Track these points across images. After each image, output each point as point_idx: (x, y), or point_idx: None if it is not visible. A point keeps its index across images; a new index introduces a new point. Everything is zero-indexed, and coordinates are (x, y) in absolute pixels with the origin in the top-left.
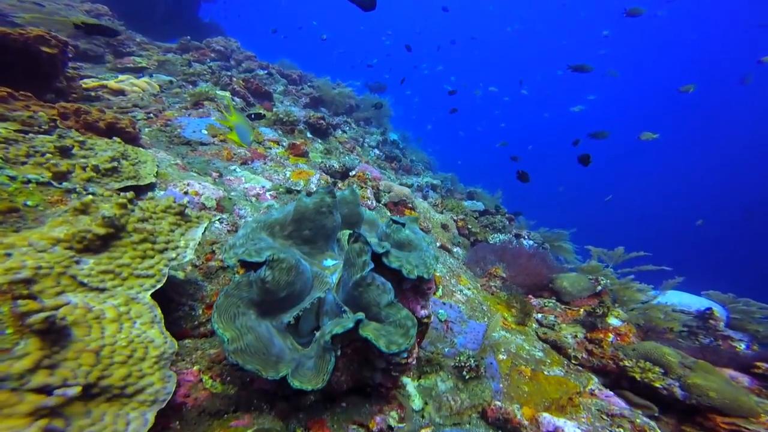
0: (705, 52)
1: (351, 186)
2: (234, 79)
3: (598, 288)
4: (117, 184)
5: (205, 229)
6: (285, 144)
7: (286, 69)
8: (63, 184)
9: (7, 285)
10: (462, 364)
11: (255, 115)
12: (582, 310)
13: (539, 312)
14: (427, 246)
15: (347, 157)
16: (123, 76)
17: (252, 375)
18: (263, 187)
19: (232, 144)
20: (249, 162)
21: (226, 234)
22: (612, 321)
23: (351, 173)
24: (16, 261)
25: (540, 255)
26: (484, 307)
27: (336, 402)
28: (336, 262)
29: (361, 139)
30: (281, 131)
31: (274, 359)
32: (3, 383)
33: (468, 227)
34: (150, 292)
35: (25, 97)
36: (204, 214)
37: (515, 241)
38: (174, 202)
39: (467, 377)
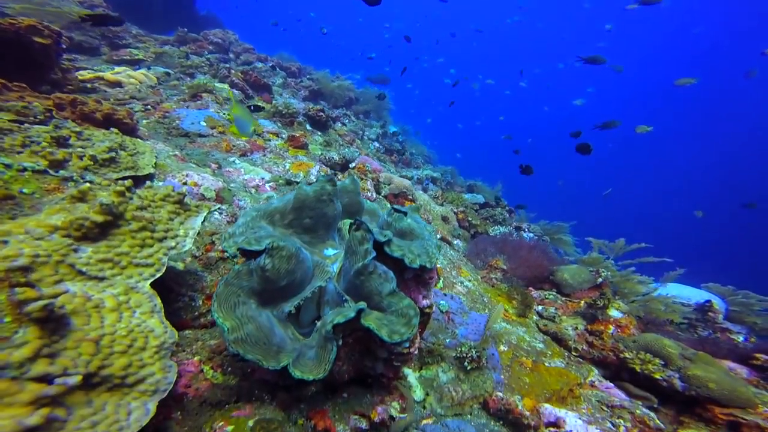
0: (707, 45)
1: (351, 175)
2: (232, 72)
3: (598, 280)
4: (115, 174)
5: (205, 219)
6: (284, 136)
7: (284, 62)
8: (60, 172)
9: (4, 273)
10: (464, 354)
11: (254, 108)
12: (583, 302)
13: (540, 304)
14: (429, 235)
15: (347, 150)
16: (119, 68)
17: (253, 365)
18: (263, 179)
19: (231, 136)
20: (248, 154)
21: (225, 225)
22: (613, 313)
23: (351, 165)
24: (12, 248)
25: (541, 247)
26: (485, 299)
27: (337, 392)
28: (337, 251)
29: (361, 132)
30: (280, 123)
31: (275, 349)
32: (3, 372)
33: (468, 219)
34: (149, 281)
35: (20, 88)
36: (203, 203)
37: (516, 234)
38: (173, 190)
39: (469, 368)
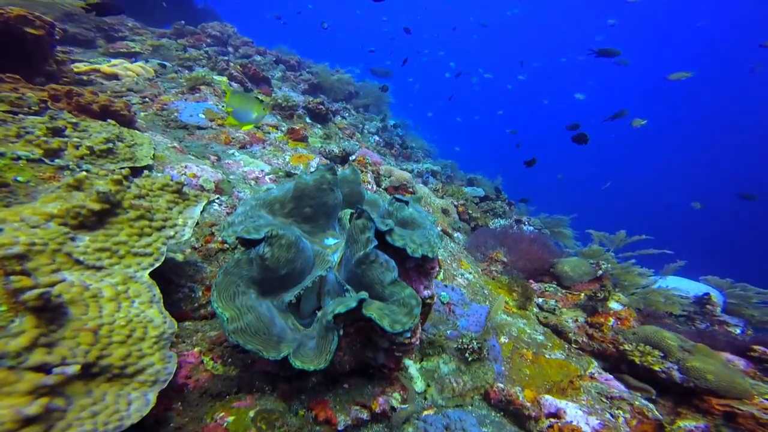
0: (710, 39)
1: (352, 165)
2: (231, 64)
3: (599, 272)
4: (113, 165)
5: (204, 209)
6: (284, 129)
7: (284, 55)
8: (55, 161)
9: None
10: (465, 346)
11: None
12: (583, 294)
13: (540, 296)
14: (431, 225)
15: (347, 143)
16: (116, 60)
17: (253, 356)
18: (262, 171)
19: (229, 128)
20: (248, 146)
21: (225, 216)
22: (613, 305)
23: (351, 158)
24: (7, 236)
25: (541, 239)
26: (485, 291)
27: (338, 383)
28: (338, 240)
29: (361, 126)
30: (280, 116)
31: (275, 339)
32: (0, 361)
33: (468, 212)
34: (148, 270)
35: (13, 80)
36: (202, 193)
37: (516, 227)
38: (171, 179)
39: (470, 359)
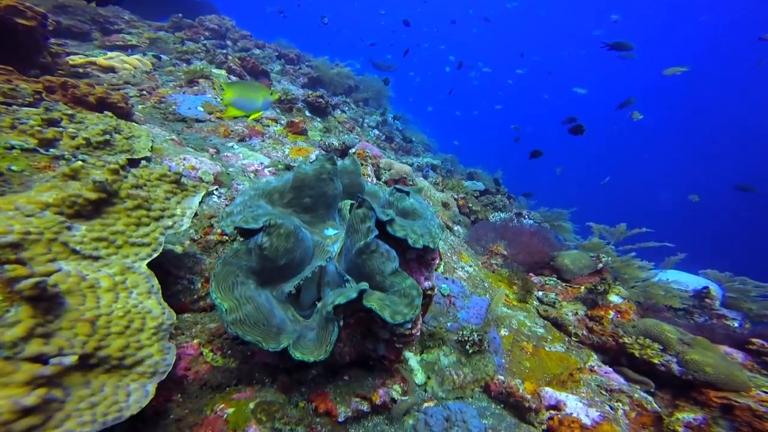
0: (713, 34)
1: (352, 156)
2: (230, 57)
3: (599, 265)
4: (110, 157)
5: (203, 200)
6: (283, 122)
7: (283, 48)
8: (50, 150)
9: None
10: (465, 338)
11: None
12: (583, 287)
13: (540, 289)
14: (432, 215)
15: (346, 136)
16: (112, 53)
17: (253, 347)
18: (262, 164)
19: (228, 121)
20: (247, 139)
21: (224, 208)
22: (613, 298)
23: (351, 151)
24: (1, 225)
25: (541, 233)
26: (485, 284)
27: (338, 375)
28: (337, 231)
29: (361, 120)
30: (279, 109)
31: (274, 330)
32: None
33: (469, 206)
34: (146, 261)
35: (6, 71)
36: (201, 184)
37: (516, 220)
38: (169, 170)
39: (470, 351)
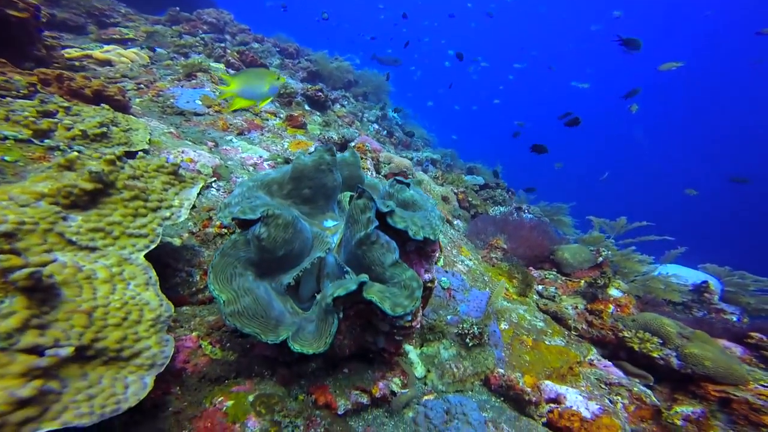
0: (712, 30)
1: (351, 148)
2: (228, 51)
3: (599, 259)
4: (107, 149)
5: (201, 191)
6: (282, 116)
7: (282, 43)
8: (45, 141)
9: None
10: (465, 331)
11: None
12: (583, 281)
13: (540, 283)
14: (433, 207)
15: (346, 130)
16: (109, 46)
17: (252, 340)
18: (261, 157)
19: (227, 116)
20: (246, 132)
21: (223, 200)
22: (612, 292)
23: (350, 145)
24: None
25: (541, 226)
26: (485, 278)
27: (338, 368)
28: (337, 222)
29: (360, 114)
30: (278, 103)
31: (273, 322)
32: None
33: (468, 200)
34: (143, 252)
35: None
36: (199, 175)
37: (516, 214)
38: (167, 161)
39: (470, 345)
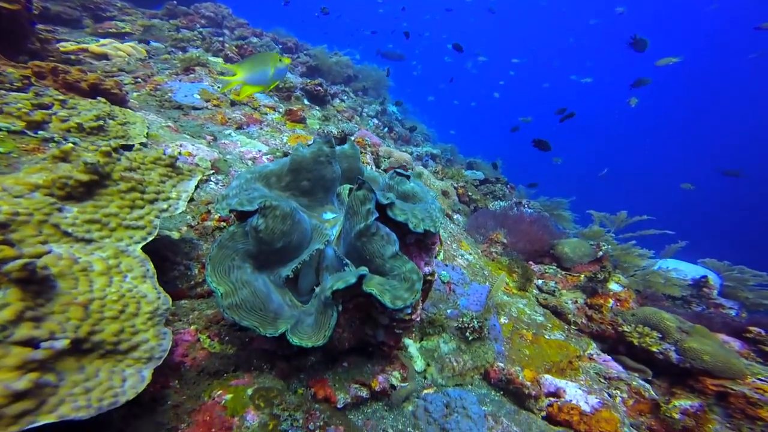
0: (712, 26)
1: (350, 140)
2: (226, 45)
3: (599, 253)
4: (104, 143)
5: (200, 185)
6: (281, 110)
7: (281, 37)
8: (39, 133)
9: None
10: (465, 325)
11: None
12: (583, 275)
13: (540, 278)
14: (433, 199)
15: (345, 124)
16: (105, 40)
17: (250, 333)
18: (260, 151)
19: (225, 109)
20: (245, 127)
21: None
22: (612, 286)
23: (350, 138)
24: None
25: (541, 221)
26: (485, 272)
27: (337, 361)
28: (336, 215)
29: (360, 109)
30: (277, 97)
31: (272, 315)
32: None
33: (468, 194)
34: (141, 244)
35: None
36: (197, 167)
37: (516, 208)
38: (164, 153)
39: (470, 338)
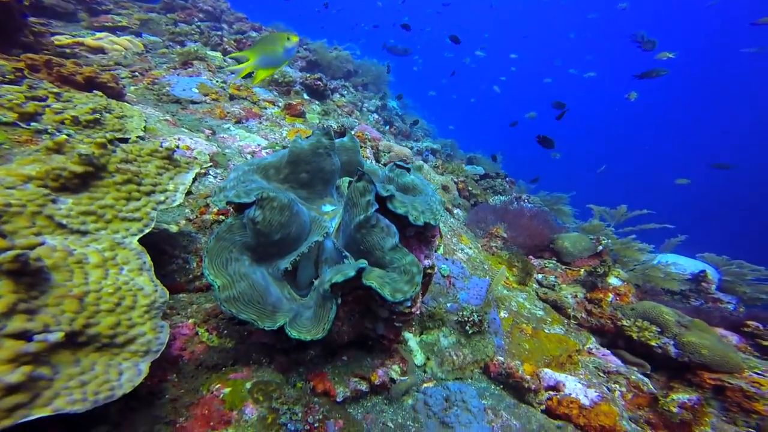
0: (720, 22)
1: (350, 133)
2: (225, 39)
3: (599, 248)
4: (99, 135)
5: (199, 179)
6: (281, 104)
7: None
8: (31, 124)
9: None
10: (465, 319)
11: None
12: (582, 270)
13: (540, 272)
14: (433, 191)
15: (345, 119)
16: (101, 33)
17: (249, 326)
18: (259, 146)
19: (224, 103)
20: (244, 121)
21: None
22: (612, 281)
23: (349, 131)
24: None
25: (541, 215)
26: (485, 266)
27: (337, 355)
28: (335, 207)
29: (360, 104)
30: (277, 92)
31: (270, 308)
32: None
33: (468, 189)
34: (137, 237)
35: None
36: (194, 160)
37: (516, 203)
38: (161, 146)
39: (470, 332)
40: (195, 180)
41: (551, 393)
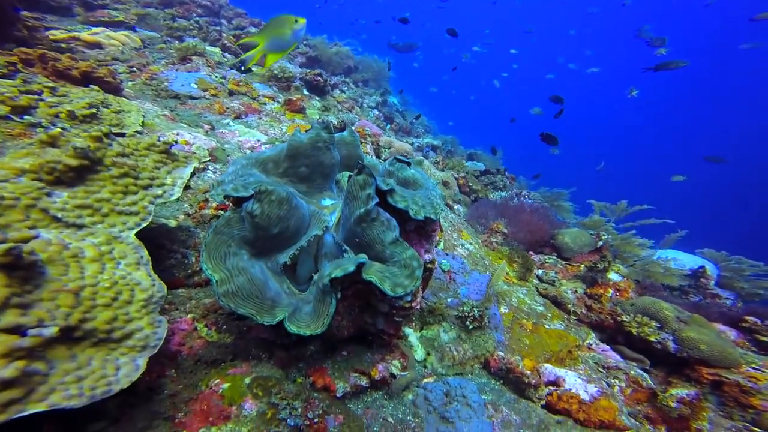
0: (719, 21)
1: (350, 127)
2: (224, 35)
3: (599, 243)
4: (95, 128)
5: (198, 174)
6: (281, 100)
7: None
8: (25, 117)
9: None
10: (466, 314)
11: (245, 70)
12: (582, 265)
13: (540, 268)
14: (434, 185)
15: (345, 115)
16: (97, 28)
17: (247, 321)
18: (258, 141)
19: (223, 98)
20: (243, 116)
21: None
22: (612, 276)
23: (349, 126)
24: None
25: (542, 211)
26: (485, 262)
27: (337, 350)
28: (335, 201)
29: (360, 100)
30: (276, 87)
31: (269, 303)
32: None
33: (469, 185)
34: (134, 231)
35: None
36: (193, 154)
37: (516, 198)
38: (158, 140)
39: (471, 327)
40: (194, 175)
41: (551, 388)
